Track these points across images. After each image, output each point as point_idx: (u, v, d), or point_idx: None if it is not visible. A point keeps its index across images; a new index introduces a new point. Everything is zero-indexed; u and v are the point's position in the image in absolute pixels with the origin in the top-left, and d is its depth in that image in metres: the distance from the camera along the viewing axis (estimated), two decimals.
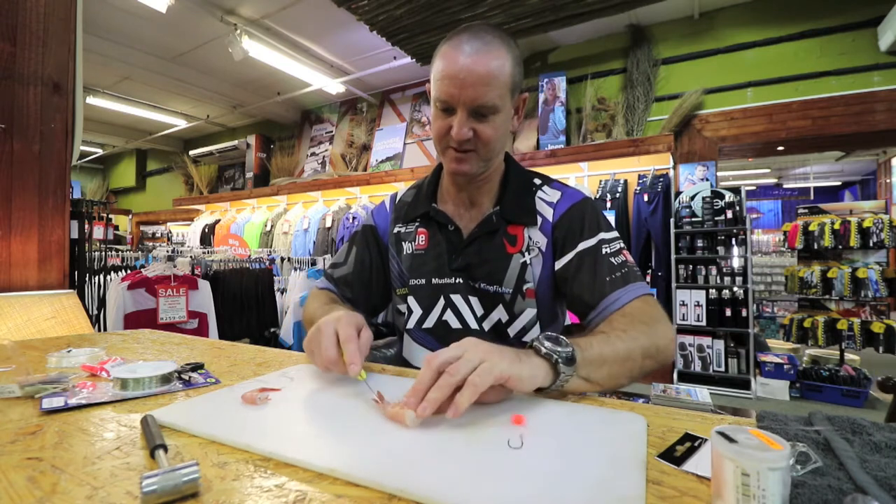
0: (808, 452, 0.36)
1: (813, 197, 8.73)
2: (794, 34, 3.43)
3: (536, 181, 0.88)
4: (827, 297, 3.48)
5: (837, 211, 3.74)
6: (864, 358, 3.70)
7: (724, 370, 3.29)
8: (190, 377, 0.64)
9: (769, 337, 4.80)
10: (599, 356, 0.59)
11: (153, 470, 0.33)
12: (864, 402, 3.02)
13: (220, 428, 0.45)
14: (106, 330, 2.40)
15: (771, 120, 3.47)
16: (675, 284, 3.40)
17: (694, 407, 2.33)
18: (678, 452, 0.40)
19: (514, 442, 0.42)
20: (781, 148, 3.84)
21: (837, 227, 3.43)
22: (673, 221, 3.40)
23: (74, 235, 1.83)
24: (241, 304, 3.12)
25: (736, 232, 3.32)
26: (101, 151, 7.94)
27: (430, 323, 0.86)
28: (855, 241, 3.35)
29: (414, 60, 4.02)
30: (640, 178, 3.72)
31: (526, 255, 0.82)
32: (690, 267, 3.41)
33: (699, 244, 3.38)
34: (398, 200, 0.96)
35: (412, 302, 0.87)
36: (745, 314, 3.21)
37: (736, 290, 3.31)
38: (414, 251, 0.88)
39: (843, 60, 3.30)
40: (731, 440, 0.30)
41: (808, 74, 3.38)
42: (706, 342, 3.34)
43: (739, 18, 3.61)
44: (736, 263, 3.32)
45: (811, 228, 3.55)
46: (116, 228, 5.75)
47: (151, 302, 2.49)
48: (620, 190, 3.69)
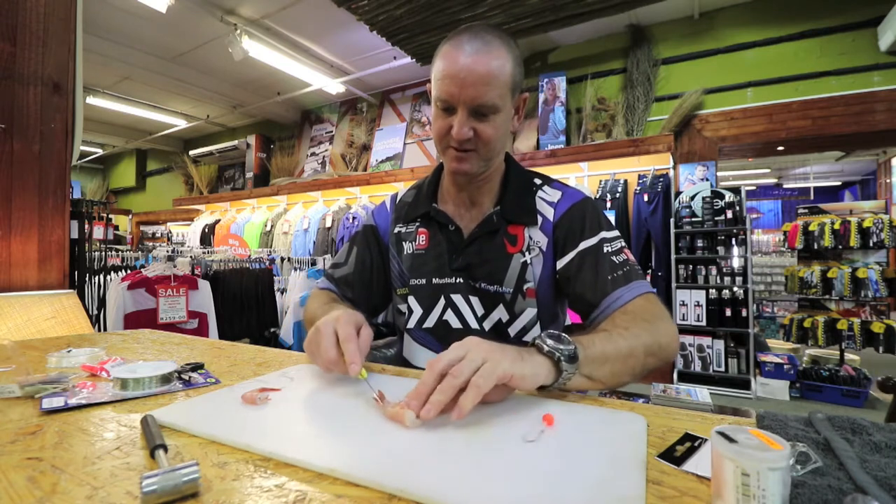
0: (808, 452, 0.36)
1: (813, 197, 8.73)
2: (794, 34, 3.43)
3: (537, 181, 0.88)
4: (827, 297, 3.48)
5: (837, 211, 3.74)
6: (864, 358, 3.69)
7: (724, 370, 3.29)
8: (190, 377, 0.64)
9: (769, 337, 4.80)
10: (602, 354, 0.59)
11: (153, 470, 0.33)
12: (864, 402, 3.02)
13: (220, 428, 0.45)
14: (106, 330, 2.40)
15: (771, 120, 3.47)
16: (675, 284, 3.40)
17: (694, 407, 2.33)
18: (678, 452, 0.40)
19: (530, 435, 0.42)
20: (781, 148, 3.84)
21: (837, 227, 3.43)
22: (673, 221, 3.40)
23: (74, 235, 1.83)
24: (241, 304, 3.12)
25: (736, 232, 3.32)
26: (101, 151, 7.94)
27: (430, 323, 0.86)
28: (855, 241, 3.35)
29: (414, 60, 4.02)
30: (640, 178, 3.72)
31: (526, 254, 0.82)
32: (690, 267, 3.41)
33: (699, 244, 3.38)
34: (399, 200, 0.96)
35: (413, 302, 0.87)
36: (745, 314, 3.21)
37: (736, 290, 3.31)
38: (414, 251, 0.89)
39: (843, 60, 3.30)
40: (731, 440, 0.30)
41: (808, 74, 3.38)
42: (706, 342, 3.34)
43: (739, 18, 3.61)
44: (736, 263, 3.32)
45: (811, 228, 3.55)
46: (116, 228, 5.75)
47: (151, 302, 2.49)
48: (620, 190, 3.69)
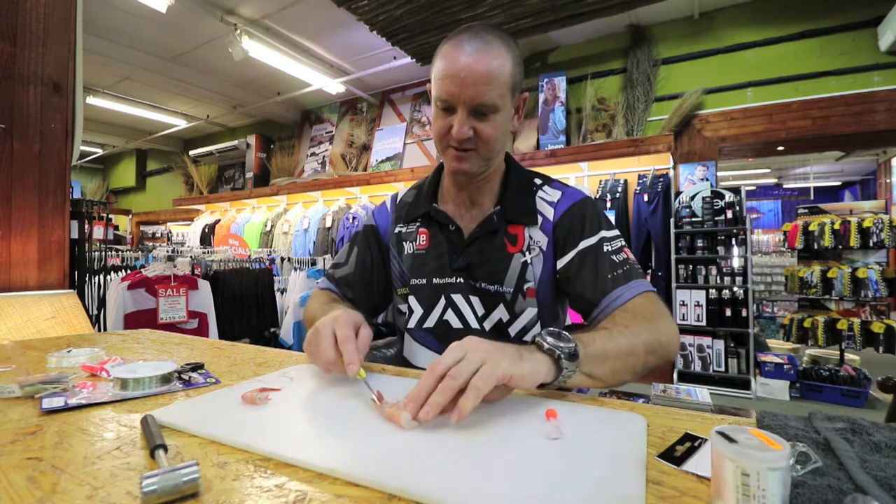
0: (808, 452, 0.36)
1: (813, 197, 8.74)
2: (794, 34, 3.43)
3: (537, 181, 0.88)
4: (827, 297, 3.48)
5: (837, 211, 3.74)
6: (864, 358, 3.69)
7: (724, 370, 3.29)
8: (190, 377, 0.64)
9: (769, 337, 4.80)
10: (602, 352, 0.59)
11: (153, 470, 0.33)
12: (864, 402, 3.02)
13: (220, 428, 0.45)
14: (106, 330, 2.40)
15: (771, 120, 3.47)
16: (675, 284, 3.40)
17: (694, 407, 2.33)
18: (678, 452, 0.40)
19: (552, 433, 0.43)
20: (781, 148, 3.84)
21: (837, 227, 3.43)
22: (673, 221, 3.40)
23: (74, 235, 1.83)
24: (241, 304, 3.12)
25: (736, 232, 3.32)
26: (101, 151, 7.94)
27: (431, 322, 0.86)
28: (855, 241, 3.35)
29: (414, 60, 4.01)
30: (640, 178, 3.72)
31: (526, 254, 0.82)
32: (690, 267, 3.41)
33: (699, 244, 3.38)
34: (399, 201, 0.96)
35: (413, 302, 0.87)
36: (745, 314, 3.21)
37: (736, 290, 3.31)
38: (415, 251, 0.89)
39: (843, 60, 3.30)
40: (731, 440, 0.30)
41: (808, 74, 3.38)
42: (706, 342, 3.34)
43: (739, 18, 3.61)
44: (736, 263, 3.32)
45: (811, 228, 3.55)
46: (116, 228, 5.75)
47: (151, 302, 2.49)
48: (620, 190, 3.69)
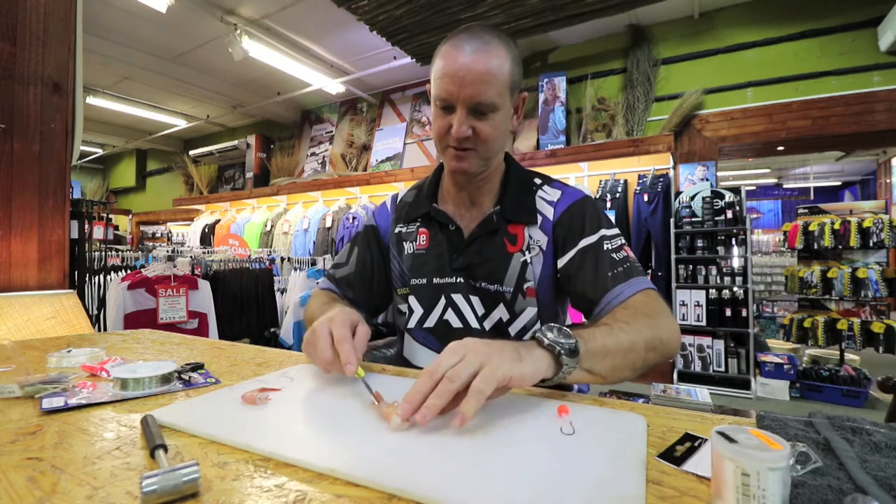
0: (808, 452, 0.36)
1: (813, 197, 8.73)
2: (794, 34, 3.43)
3: (537, 181, 0.88)
4: (827, 297, 3.47)
5: (837, 211, 3.74)
6: (864, 358, 3.69)
7: (724, 370, 3.29)
8: (190, 377, 0.64)
9: (769, 337, 4.80)
10: (602, 348, 0.59)
11: (153, 470, 0.33)
12: (864, 402, 3.02)
13: (220, 428, 0.45)
14: (106, 330, 2.40)
15: (771, 120, 3.47)
16: (675, 284, 3.40)
17: (694, 407, 2.33)
18: (678, 452, 0.40)
19: (565, 429, 0.44)
20: (781, 148, 3.84)
21: (837, 227, 3.43)
22: (673, 221, 3.40)
23: (74, 235, 1.83)
24: (241, 304, 3.12)
25: (736, 232, 3.32)
26: (101, 151, 7.94)
27: (431, 322, 0.86)
28: (855, 241, 3.35)
29: (414, 60, 4.01)
30: (640, 178, 3.72)
31: (526, 253, 0.82)
32: (690, 267, 3.41)
33: (699, 244, 3.38)
34: (399, 201, 0.96)
35: (413, 301, 0.87)
36: (745, 314, 3.21)
37: (736, 290, 3.31)
38: (415, 251, 0.89)
39: (843, 60, 3.30)
40: (731, 440, 0.30)
41: (808, 74, 3.38)
42: (706, 342, 3.34)
43: (739, 18, 3.61)
44: (736, 263, 3.32)
45: (811, 228, 3.55)
46: (116, 228, 5.75)
47: (151, 302, 2.49)
48: (620, 190, 3.69)
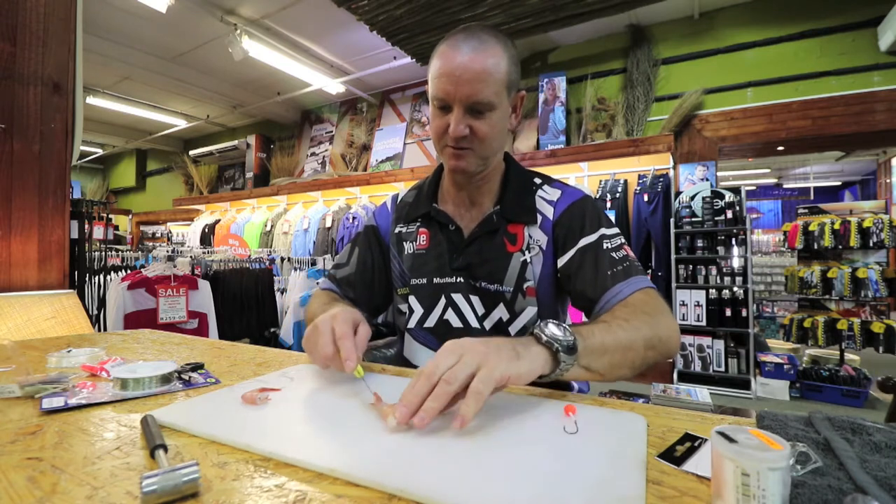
0: (808, 452, 0.36)
1: (813, 197, 8.73)
2: (794, 34, 3.43)
3: (537, 180, 0.89)
4: (827, 297, 3.47)
5: (837, 211, 3.74)
6: (864, 358, 3.69)
7: (724, 370, 3.29)
8: (190, 377, 0.64)
9: (769, 337, 4.80)
10: (601, 345, 0.58)
11: (153, 470, 0.33)
12: (864, 402, 3.02)
13: (220, 428, 0.45)
14: (106, 330, 2.40)
15: (771, 120, 3.47)
16: (675, 284, 3.40)
17: (694, 407, 2.33)
18: (678, 452, 0.40)
19: (570, 428, 0.44)
20: (781, 148, 3.84)
21: (837, 227, 3.43)
22: (673, 221, 3.40)
23: (74, 235, 1.83)
24: (241, 304, 3.12)
25: (736, 232, 3.32)
26: (101, 151, 7.94)
27: (431, 322, 0.86)
28: (855, 241, 3.34)
29: (414, 60, 4.01)
30: (640, 178, 3.72)
31: (526, 253, 0.82)
32: (690, 267, 3.41)
33: (699, 244, 3.38)
34: (399, 201, 0.96)
35: (413, 301, 0.87)
36: (745, 314, 3.21)
37: (736, 290, 3.31)
38: (415, 251, 0.89)
39: (843, 60, 3.30)
40: (731, 440, 0.30)
41: (808, 74, 3.38)
42: (706, 342, 3.34)
43: (739, 18, 3.61)
44: (736, 263, 3.32)
45: (811, 228, 3.55)
46: (116, 228, 5.75)
47: (151, 302, 2.49)
48: (620, 190, 3.69)
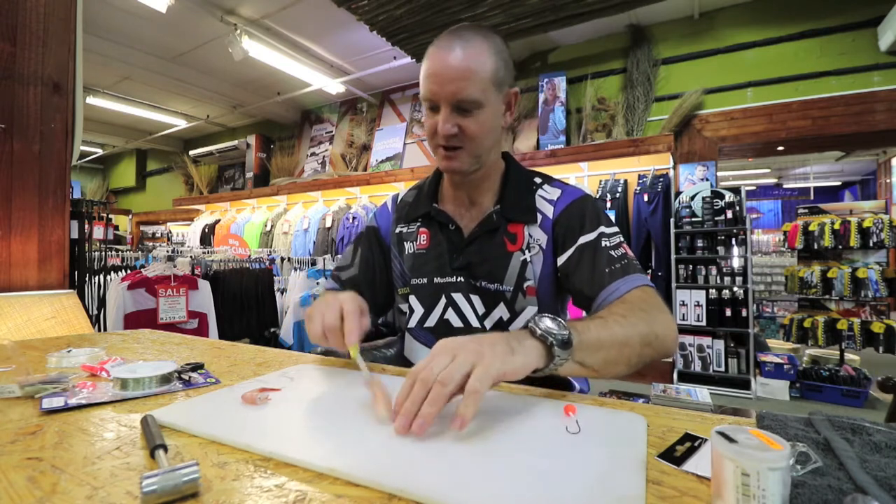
0: (808, 452, 0.36)
1: (813, 197, 8.73)
2: (794, 34, 3.43)
3: (537, 180, 0.89)
4: (827, 297, 3.47)
5: (837, 211, 3.74)
6: (864, 358, 3.69)
7: (724, 370, 3.29)
8: (190, 377, 0.64)
9: (769, 337, 4.80)
10: (596, 340, 0.58)
11: (153, 470, 0.33)
12: (864, 402, 3.02)
13: (220, 428, 0.45)
14: (106, 330, 2.40)
15: (771, 120, 3.47)
16: (675, 284, 3.39)
17: (694, 407, 2.33)
18: (678, 452, 0.40)
19: (571, 428, 0.45)
20: (781, 148, 3.84)
21: (837, 227, 3.43)
22: (673, 221, 3.40)
23: (74, 235, 1.83)
24: (241, 304, 3.12)
25: (736, 232, 3.32)
26: (101, 151, 7.93)
27: (431, 322, 0.86)
28: (855, 241, 3.34)
29: (414, 60, 4.01)
30: (640, 178, 3.72)
31: (526, 252, 0.82)
32: (690, 267, 3.41)
33: (699, 244, 3.38)
34: (400, 201, 0.96)
35: (414, 301, 0.87)
36: (745, 314, 3.21)
37: (736, 290, 3.31)
38: (415, 251, 0.89)
39: (843, 60, 3.29)
40: (731, 440, 0.30)
41: (808, 74, 3.38)
42: (706, 342, 3.34)
43: (739, 18, 3.61)
44: (736, 263, 3.32)
45: (811, 228, 3.55)
46: (116, 228, 5.75)
47: (151, 302, 2.49)
48: (620, 190, 3.69)
